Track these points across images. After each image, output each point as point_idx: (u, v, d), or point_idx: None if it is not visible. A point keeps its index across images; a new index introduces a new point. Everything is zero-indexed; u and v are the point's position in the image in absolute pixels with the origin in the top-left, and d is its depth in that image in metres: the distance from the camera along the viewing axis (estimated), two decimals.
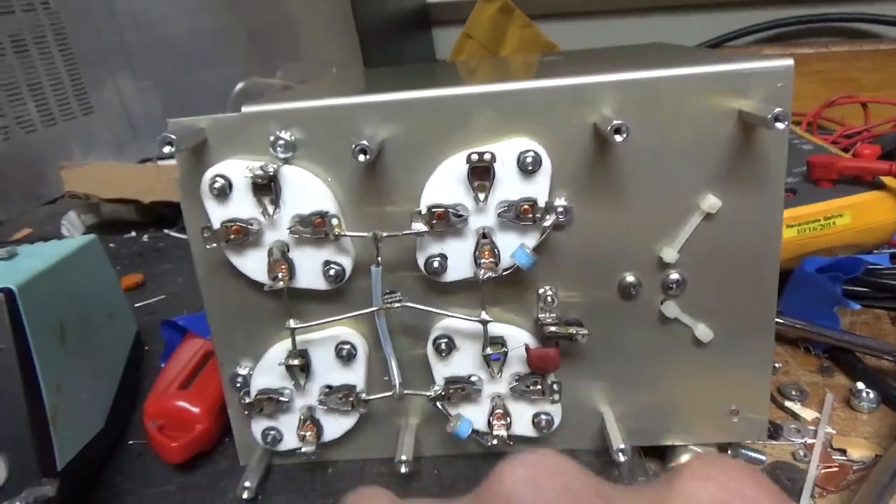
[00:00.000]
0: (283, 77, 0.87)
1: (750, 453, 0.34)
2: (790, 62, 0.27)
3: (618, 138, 0.26)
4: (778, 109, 0.25)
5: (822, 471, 0.33)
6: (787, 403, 0.37)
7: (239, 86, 0.85)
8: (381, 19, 0.77)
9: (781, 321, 0.41)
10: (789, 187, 0.43)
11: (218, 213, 0.29)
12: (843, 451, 0.34)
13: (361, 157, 0.27)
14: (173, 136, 0.27)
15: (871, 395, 0.37)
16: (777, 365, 0.41)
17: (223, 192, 0.29)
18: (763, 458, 0.34)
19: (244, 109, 0.29)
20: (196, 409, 0.34)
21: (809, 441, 0.35)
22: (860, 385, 0.37)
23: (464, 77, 0.41)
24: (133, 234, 0.69)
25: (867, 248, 0.43)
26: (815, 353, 0.41)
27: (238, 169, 0.29)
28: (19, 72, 0.85)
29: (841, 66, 0.73)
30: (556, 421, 0.32)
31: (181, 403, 0.34)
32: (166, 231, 0.69)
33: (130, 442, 0.37)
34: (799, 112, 0.70)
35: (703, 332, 0.31)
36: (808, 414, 0.37)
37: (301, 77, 0.87)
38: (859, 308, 0.41)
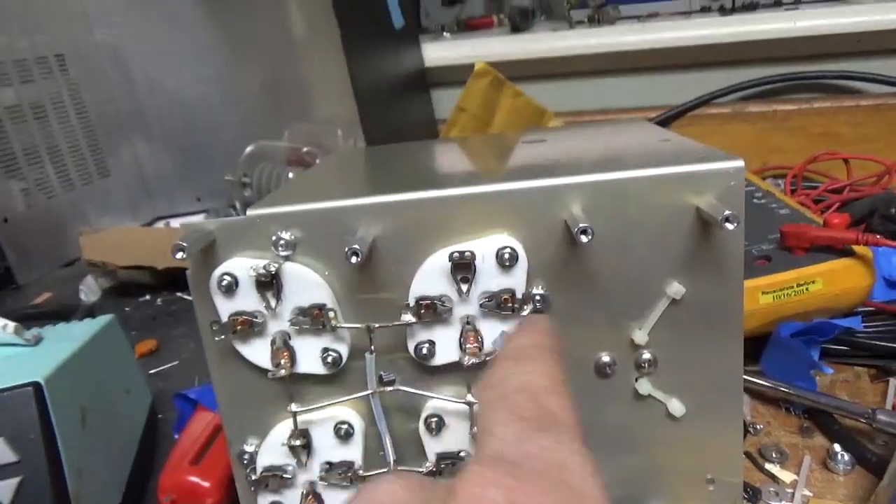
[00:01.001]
0: (290, 139, 0.91)
1: None
2: (741, 163, 0.30)
3: (584, 238, 0.28)
4: (728, 212, 0.28)
5: None
6: (767, 465, 0.39)
7: (248, 149, 0.88)
8: (379, 85, 0.81)
9: (764, 383, 0.44)
10: (764, 254, 0.45)
11: (225, 308, 0.32)
12: None
13: (353, 259, 0.29)
14: (185, 244, 0.30)
15: (847, 458, 0.38)
16: (759, 426, 0.43)
17: (230, 289, 0.32)
18: None
19: (249, 212, 0.32)
20: (206, 484, 0.36)
21: None
22: (836, 447, 0.39)
23: (453, 166, 0.44)
24: (147, 297, 0.72)
25: (841, 311, 0.45)
26: (795, 413, 0.43)
27: (244, 267, 0.32)
28: (39, 138, 0.89)
29: (823, 121, 0.75)
30: None
31: (193, 479, 0.36)
32: (179, 294, 0.72)
33: None
34: (784, 166, 0.73)
35: (675, 406, 0.33)
36: (786, 476, 0.39)
37: (307, 139, 0.90)
38: (832, 372, 0.43)
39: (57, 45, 0.94)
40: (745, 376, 0.42)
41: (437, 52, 0.92)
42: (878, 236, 0.41)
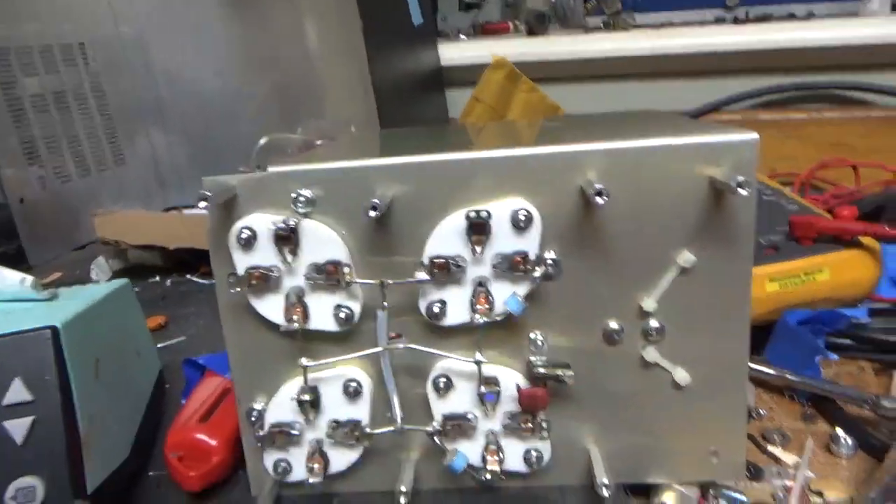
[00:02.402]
0: (304, 133, 0.92)
1: (732, 494, 0.36)
2: (755, 136, 0.31)
3: (599, 201, 0.29)
4: (741, 178, 0.28)
5: None
6: (770, 448, 0.39)
7: (262, 141, 0.89)
8: (397, 81, 0.82)
9: (768, 370, 0.44)
10: (773, 244, 0.46)
11: (243, 261, 0.33)
12: (821, 494, 0.36)
13: (372, 214, 0.30)
14: (209, 193, 0.31)
15: (850, 442, 0.38)
16: (762, 412, 0.43)
17: (249, 243, 0.32)
18: (744, 499, 0.36)
19: (270, 169, 0.33)
20: (213, 442, 0.37)
21: (789, 483, 0.37)
22: (839, 431, 0.39)
23: (468, 141, 0.45)
24: (157, 278, 0.73)
25: (847, 302, 0.45)
26: (798, 401, 0.43)
27: (263, 222, 0.32)
28: (59, 126, 0.91)
29: (834, 131, 0.76)
30: (546, 457, 0.34)
31: (200, 436, 0.37)
32: (188, 276, 0.72)
33: (151, 473, 0.40)
34: (793, 173, 0.73)
35: (681, 376, 0.33)
36: (789, 458, 0.39)
37: (320, 133, 0.91)
38: (837, 359, 0.43)
39: (81, 35, 0.95)
40: (750, 364, 0.42)
41: (454, 52, 0.93)
42: (886, 227, 0.42)
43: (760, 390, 0.45)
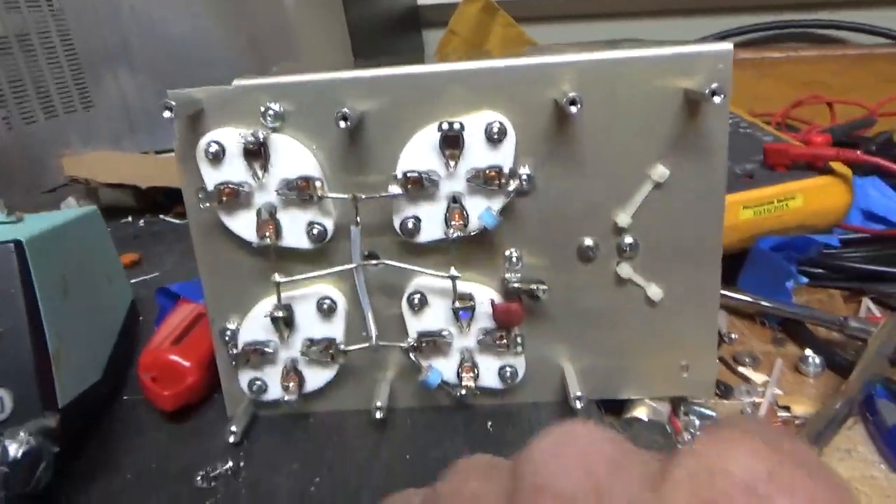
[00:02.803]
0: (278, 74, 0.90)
1: (702, 410, 0.37)
2: (730, 46, 0.30)
3: (573, 109, 0.29)
4: (715, 84, 0.28)
5: None
6: (740, 369, 0.40)
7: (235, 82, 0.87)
8: (371, 21, 0.80)
9: (741, 297, 0.44)
10: (748, 172, 0.46)
11: (212, 177, 0.32)
12: (788, 408, 0.37)
13: (343, 124, 0.29)
14: (173, 103, 0.30)
15: (818, 360, 0.39)
16: (734, 336, 0.43)
17: (217, 157, 0.32)
18: (714, 414, 0.37)
19: (237, 83, 0.32)
20: (187, 363, 0.36)
21: (758, 400, 0.38)
22: (808, 351, 0.40)
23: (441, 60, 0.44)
24: (129, 219, 0.72)
25: (820, 229, 0.46)
26: (770, 326, 0.44)
27: (231, 136, 0.32)
28: (24, 68, 0.88)
29: (809, 69, 0.76)
30: (521, 373, 0.34)
31: (174, 357, 0.36)
32: (162, 216, 0.71)
33: (125, 397, 0.39)
34: (769, 112, 0.73)
35: (654, 291, 0.33)
36: (758, 377, 0.40)
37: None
38: (807, 282, 0.43)
39: None
40: (722, 291, 0.43)
41: None
42: (858, 152, 0.42)
43: (733, 317, 0.46)
